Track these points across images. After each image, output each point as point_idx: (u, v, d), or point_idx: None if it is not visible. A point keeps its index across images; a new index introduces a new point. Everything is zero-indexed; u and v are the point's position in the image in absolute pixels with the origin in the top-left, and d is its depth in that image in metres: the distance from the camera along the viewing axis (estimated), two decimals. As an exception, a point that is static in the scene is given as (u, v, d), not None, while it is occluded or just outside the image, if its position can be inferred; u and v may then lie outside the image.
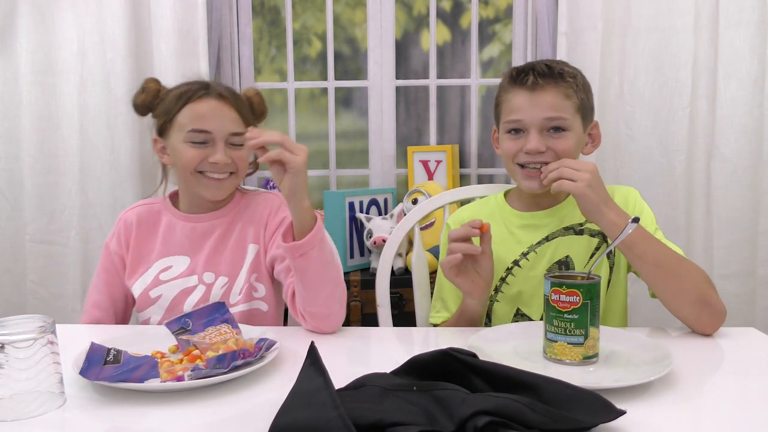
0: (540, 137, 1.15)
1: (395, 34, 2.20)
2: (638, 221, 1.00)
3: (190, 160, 1.20)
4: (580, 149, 1.21)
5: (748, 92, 1.83)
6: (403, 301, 1.82)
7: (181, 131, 1.20)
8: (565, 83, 1.16)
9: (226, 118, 1.21)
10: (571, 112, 1.16)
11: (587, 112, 1.21)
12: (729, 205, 1.86)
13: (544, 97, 1.15)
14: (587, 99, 1.20)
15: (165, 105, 1.23)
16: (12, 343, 0.75)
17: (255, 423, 0.72)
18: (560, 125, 1.15)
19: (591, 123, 1.24)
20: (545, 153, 1.15)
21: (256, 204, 1.30)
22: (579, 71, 1.22)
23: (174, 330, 0.99)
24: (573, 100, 1.16)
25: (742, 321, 1.86)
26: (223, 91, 1.23)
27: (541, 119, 1.15)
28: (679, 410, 0.76)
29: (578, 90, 1.17)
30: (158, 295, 1.24)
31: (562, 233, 1.22)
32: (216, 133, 1.20)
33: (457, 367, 0.75)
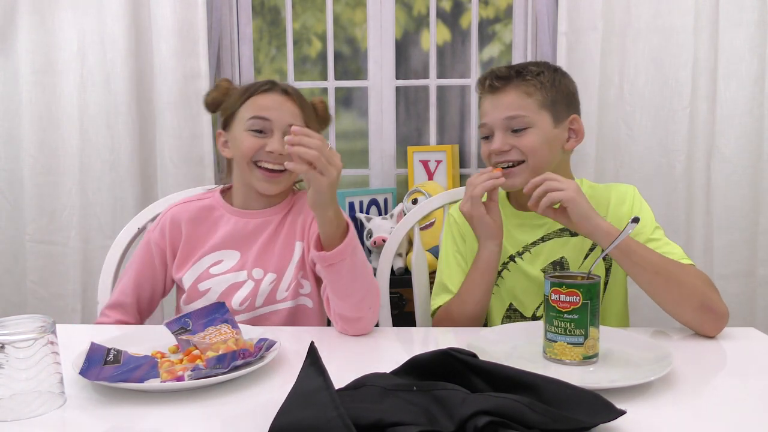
0: (503, 137, 1.18)
1: (395, 34, 2.20)
2: (638, 221, 1.00)
3: (248, 148, 1.21)
4: (553, 145, 1.20)
5: (748, 92, 1.83)
6: (403, 301, 1.82)
7: (243, 120, 1.22)
8: (524, 82, 1.17)
9: (287, 110, 1.22)
10: (533, 109, 1.17)
11: (558, 107, 1.19)
12: (729, 205, 1.86)
13: (503, 98, 1.18)
14: (558, 94, 1.19)
15: (231, 99, 1.26)
16: (12, 343, 0.75)
17: (255, 423, 0.72)
18: (521, 123, 1.17)
19: (568, 117, 1.21)
20: (510, 151, 1.18)
21: (302, 200, 1.30)
22: (552, 68, 1.22)
23: (174, 330, 0.99)
24: (535, 96, 1.17)
25: (742, 321, 1.86)
26: (288, 88, 1.25)
27: (501, 120, 1.18)
28: (679, 410, 0.76)
29: (543, 87, 1.18)
30: (207, 289, 1.24)
31: (557, 234, 1.23)
32: (275, 122, 1.21)
33: (457, 367, 0.75)
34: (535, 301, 1.23)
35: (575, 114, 1.22)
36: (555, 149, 1.20)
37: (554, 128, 1.19)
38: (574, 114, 1.22)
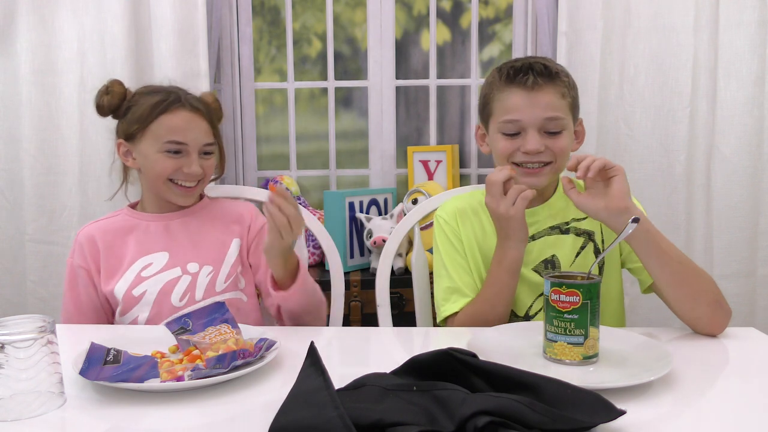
0: (539, 137, 1.15)
1: (395, 34, 2.20)
2: (638, 221, 1.00)
3: (164, 169, 1.25)
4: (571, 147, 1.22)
5: (748, 92, 1.83)
6: (403, 301, 1.82)
7: (156, 141, 1.24)
8: (560, 82, 1.16)
9: (200, 129, 1.27)
10: (566, 112, 1.17)
11: (576, 110, 1.22)
12: (729, 205, 1.86)
13: (542, 97, 1.14)
14: (577, 97, 1.21)
15: (137, 113, 1.25)
16: (12, 343, 0.75)
17: (255, 423, 0.72)
18: (558, 126, 1.15)
19: (577, 120, 1.24)
20: (543, 153, 1.16)
21: (236, 206, 1.38)
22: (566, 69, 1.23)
23: (174, 330, 0.99)
24: (567, 99, 1.17)
25: (742, 321, 1.86)
26: (194, 102, 1.28)
27: (540, 119, 1.14)
28: (679, 410, 0.76)
29: (571, 88, 1.19)
30: (142, 292, 1.25)
31: (548, 232, 1.22)
32: (191, 144, 1.25)
33: (457, 367, 0.75)
34: (528, 301, 1.22)
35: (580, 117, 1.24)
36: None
37: (573, 131, 1.21)
38: (580, 117, 1.24)
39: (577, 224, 1.22)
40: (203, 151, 1.28)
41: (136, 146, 1.27)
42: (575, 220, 1.23)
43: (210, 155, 1.30)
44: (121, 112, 1.29)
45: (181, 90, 1.30)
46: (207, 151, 1.29)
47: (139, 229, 1.31)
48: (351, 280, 1.85)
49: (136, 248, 1.28)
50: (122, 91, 1.30)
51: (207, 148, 1.28)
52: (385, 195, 2.11)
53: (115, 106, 1.29)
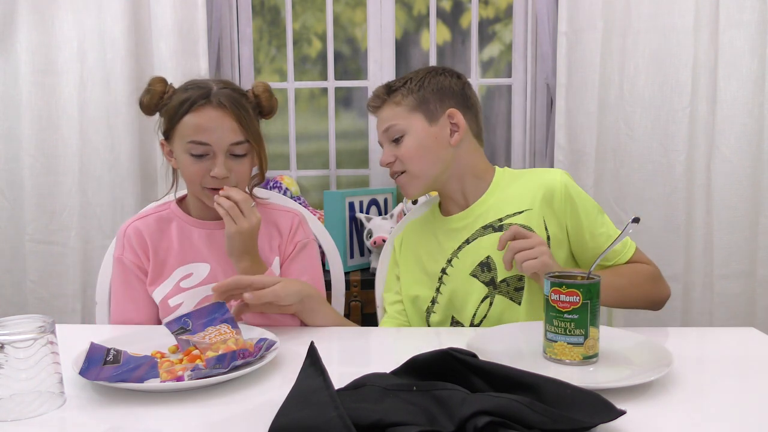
0: (387, 149, 1.24)
1: (395, 34, 2.20)
2: (638, 221, 1.00)
3: (192, 175, 1.18)
4: (433, 144, 1.20)
5: (748, 92, 1.83)
6: (403, 301, 1.82)
7: (182, 141, 1.18)
8: (393, 93, 1.23)
9: (225, 128, 1.17)
10: (404, 115, 1.21)
11: (430, 105, 1.20)
12: (729, 205, 1.86)
13: (380, 114, 1.25)
14: (426, 92, 1.21)
15: (169, 111, 1.20)
16: (12, 343, 0.75)
17: (255, 423, 0.72)
18: (396, 132, 1.21)
19: (444, 112, 1.20)
20: (395, 162, 1.23)
21: (278, 217, 1.30)
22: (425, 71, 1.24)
23: (174, 330, 0.99)
24: (403, 104, 1.21)
25: (742, 321, 1.86)
26: (224, 99, 1.17)
27: (381, 133, 1.24)
28: (679, 410, 0.76)
29: (411, 91, 1.21)
30: (178, 303, 1.20)
31: (480, 233, 1.20)
32: (215, 145, 1.16)
33: (457, 367, 0.75)
34: (472, 309, 1.19)
35: (452, 108, 1.21)
36: (437, 147, 1.20)
37: (429, 127, 1.20)
38: (450, 108, 1.21)
39: (513, 219, 1.18)
40: (232, 152, 1.18)
41: (172, 146, 1.22)
42: (510, 215, 1.19)
43: (242, 157, 1.20)
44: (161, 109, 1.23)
45: (220, 83, 1.21)
46: (236, 152, 1.18)
47: (184, 234, 1.25)
48: (351, 280, 1.85)
49: (179, 254, 1.24)
50: (161, 89, 1.22)
51: (236, 149, 1.18)
52: (385, 195, 2.11)
53: (155, 105, 1.23)
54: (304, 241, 1.29)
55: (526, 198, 1.19)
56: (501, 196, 1.22)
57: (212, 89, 1.18)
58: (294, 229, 1.29)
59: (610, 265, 1.19)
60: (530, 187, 1.20)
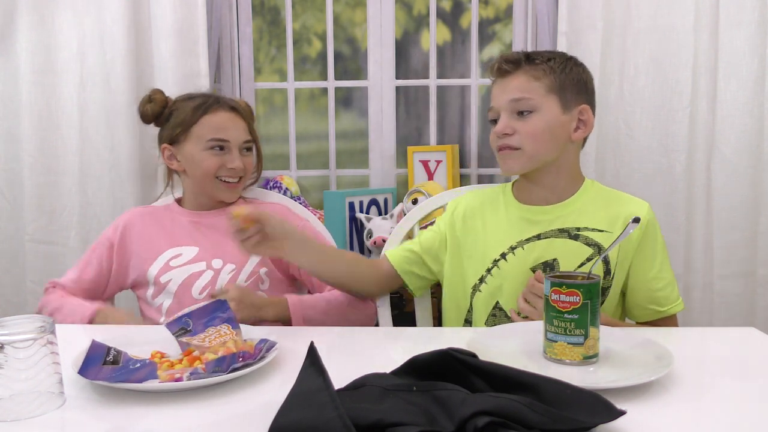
0: (507, 119, 1.17)
1: (395, 34, 2.20)
2: (639, 221, 1.00)
3: (210, 167, 1.33)
4: (558, 132, 1.17)
5: (748, 92, 1.83)
6: (403, 301, 1.82)
7: (200, 141, 1.33)
8: (533, 66, 1.16)
9: (240, 128, 1.37)
10: (540, 93, 1.15)
11: (568, 93, 1.17)
12: (729, 205, 1.86)
13: (511, 81, 1.17)
14: (567, 79, 1.17)
15: (180, 117, 1.35)
16: (12, 343, 0.75)
17: (255, 423, 0.72)
18: (526, 106, 1.15)
19: (578, 106, 1.18)
20: (512, 136, 1.17)
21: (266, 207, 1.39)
22: (565, 56, 1.20)
23: (174, 331, 0.99)
24: (543, 80, 1.16)
25: (742, 321, 1.86)
26: (231, 103, 1.38)
27: (506, 102, 1.17)
28: (679, 410, 0.76)
29: (553, 71, 1.16)
30: (168, 281, 1.32)
31: (555, 234, 1.18)
32: (232, 141, 1.35)
33: (457, 367, 0.75)
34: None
35: (586, 104, 1.19)
36: (560, 136, 1.17)
37: (562, 114, 1.17)
38: (584, 104, 1.19)
39: (589, 234, 1.17)
40: (243, 147, 1.37)
41: (180, 149, 1.36)
42: (588, 229, 1.18)
43: (249, 153, 1.39)
44: (164, 118, 1.39)
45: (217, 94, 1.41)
46: (247, 147, 1.38)
47: (174, 222, 1.40)
48: (351, 280, 1.85)
49: (169, 238, 1.37)
50: (164, 99, 1.40)
51: (246, 145, 1.38)
52: (385, 195, 2.11)
53: (158, 114, 1.39)
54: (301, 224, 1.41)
55: (607, 219, 1.18)
56: (584, 206, 1.20)
57: (218, 96, 1.39)
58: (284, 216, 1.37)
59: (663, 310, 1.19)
60: (615, 211, 1.19)
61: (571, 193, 1.21)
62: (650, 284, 1.18)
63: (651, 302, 1.19)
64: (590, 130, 1.21)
